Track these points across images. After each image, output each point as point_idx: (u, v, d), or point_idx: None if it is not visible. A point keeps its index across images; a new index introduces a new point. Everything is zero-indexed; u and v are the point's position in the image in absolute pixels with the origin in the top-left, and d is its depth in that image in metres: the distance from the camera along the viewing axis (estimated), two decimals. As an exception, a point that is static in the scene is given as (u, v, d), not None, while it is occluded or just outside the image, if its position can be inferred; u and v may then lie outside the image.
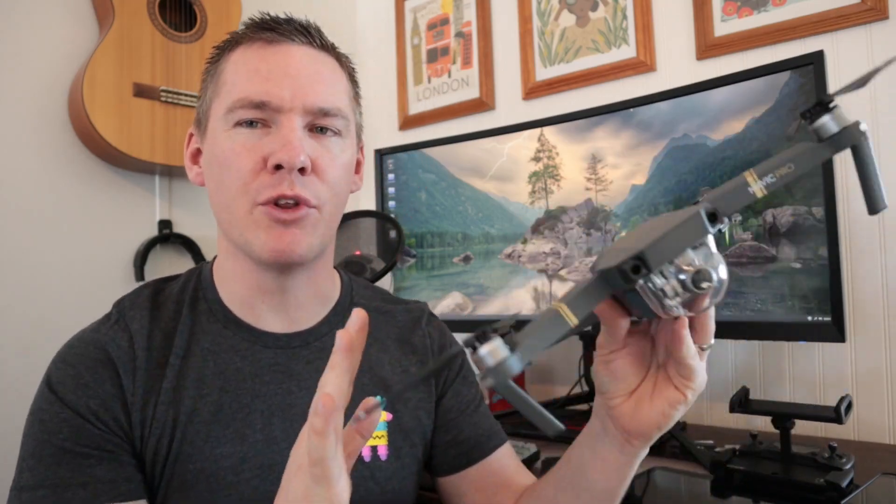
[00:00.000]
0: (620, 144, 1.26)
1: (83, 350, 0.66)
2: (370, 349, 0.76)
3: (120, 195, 1.57)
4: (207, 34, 1.58)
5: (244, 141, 0.66)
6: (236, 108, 0.66)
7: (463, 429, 0.80)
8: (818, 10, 1.26)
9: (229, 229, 0.69)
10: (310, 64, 0.68)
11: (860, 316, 1.21)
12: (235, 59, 0.69)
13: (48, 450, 0.61)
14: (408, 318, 0.83)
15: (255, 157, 0.65)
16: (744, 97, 1.11)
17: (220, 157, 0.67)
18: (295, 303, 0.73)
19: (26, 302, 1.42)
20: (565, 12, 1.64)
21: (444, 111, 1.86)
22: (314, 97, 0.66)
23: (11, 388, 1.35)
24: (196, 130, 0.74)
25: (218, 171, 0.68)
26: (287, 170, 0.64)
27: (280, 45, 0.68)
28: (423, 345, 0.82)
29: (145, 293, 0.74)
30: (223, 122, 0.67)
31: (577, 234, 1.32)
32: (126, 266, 1.57)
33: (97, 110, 1.40)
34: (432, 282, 1.53)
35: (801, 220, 1.04)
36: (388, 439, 0.74)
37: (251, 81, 0.66)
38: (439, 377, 0.81)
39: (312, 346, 0.74)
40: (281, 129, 0.65)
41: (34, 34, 1.46)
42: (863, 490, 0.85)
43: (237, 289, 0.72)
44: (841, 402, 0.88)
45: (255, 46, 0.68)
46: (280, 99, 0.65)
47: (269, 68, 0.66)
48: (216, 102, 0.69)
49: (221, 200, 0.68)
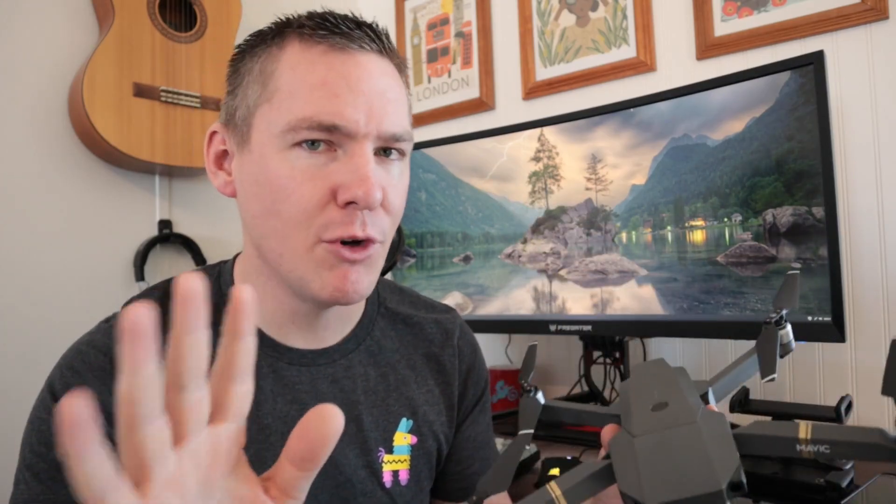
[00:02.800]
0: (620, 144, 1.26)
1: (88, 356, 0.62)
2: (397, 365, 0.72)
3: (120, 195, 1.57)
4: (207, 34, 1.58)
5: (306, 167, 0.57)
6: (299, 128, 0.57)
7: (474, 462, 0.78)
8: (818, 10, 1.26)
9: (279, 261, 0.61)
10: (380, 78, 0.59)
11: (860, 316, 1.21)
12: (292, 60, 0.59)
13: (44, 464, 0.58)
14: (438, 331, 0.77)
15: (322, 188, 0.57)
16: (744, 97, 1.11)
17: (275, 182, 0.58)
18: (325, 323, 0.68)
19: (26, 302, 1.42)
20: (565, 12, 1.64)
21: (444, 111, 1.86)
22: (388, 122, 0.59)
23: (11, 388, 1.35)
24: (225, 131, 0.64)
25: (269, 196, 0.59)
26: (360, 207, 0.57)
27: (349, 54, 0.58)
28: (451, 365, 0.76)
29: (155, 296, 0.68)
30: (278, 140, 0.58)
31: (577, 234, 1.32)
32: (126, 266, 1.57)
33: (97, 110, 1.40)
34: (432, 282, 1.53)
35: (801, 220, 1.04)
36: (409, 464, 0.71)
37: (316, 96, 0.57)
38: (462, 402, 0.77)
39: (338, 363, 0.69)
40: (352, 158, 0.57)
41: (34, 34, 1.46)
42: (863, 490, 0.85)
43: (266, 307, 0.66)
44: (841, 402, 0.88)
45: (317, 50, 0.58)
46: (355, 123, 0.57)
47: (338, 82, 0.57)
48: (266, 110, 0.59)
49: (273, 230, 0.60)
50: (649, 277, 1.22)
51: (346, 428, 0.67)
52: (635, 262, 1.24)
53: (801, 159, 1.04)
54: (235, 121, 0.62)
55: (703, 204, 1.16)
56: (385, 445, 0.69)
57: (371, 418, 0.69)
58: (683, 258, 1.18)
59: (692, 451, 0.39)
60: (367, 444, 0.67)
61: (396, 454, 0.70)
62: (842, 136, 1.23)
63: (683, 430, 0.41)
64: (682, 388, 0.45)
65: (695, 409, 0.43)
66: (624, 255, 1.26)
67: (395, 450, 0.70)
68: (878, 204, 1.20)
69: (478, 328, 1.40)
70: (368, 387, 0.70)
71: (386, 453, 0.69)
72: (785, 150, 1.06)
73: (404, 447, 0.70)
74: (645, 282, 1.23)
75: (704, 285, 1.15)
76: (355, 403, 0.68)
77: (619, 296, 1.26)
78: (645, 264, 1.23)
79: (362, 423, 0.68)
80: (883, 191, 1.20)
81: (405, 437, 0.71)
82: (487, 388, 0.81)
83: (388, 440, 0.70)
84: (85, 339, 0.65)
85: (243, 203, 0.63)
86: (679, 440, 0.40)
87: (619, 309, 1.26)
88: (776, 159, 1.07)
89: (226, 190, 0.65)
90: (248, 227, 0.64)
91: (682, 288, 1.18)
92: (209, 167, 0.67)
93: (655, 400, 0.45)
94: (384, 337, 0.74)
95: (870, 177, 1.21)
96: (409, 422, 0.71)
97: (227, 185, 0.65)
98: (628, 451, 0.42)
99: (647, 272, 1.23)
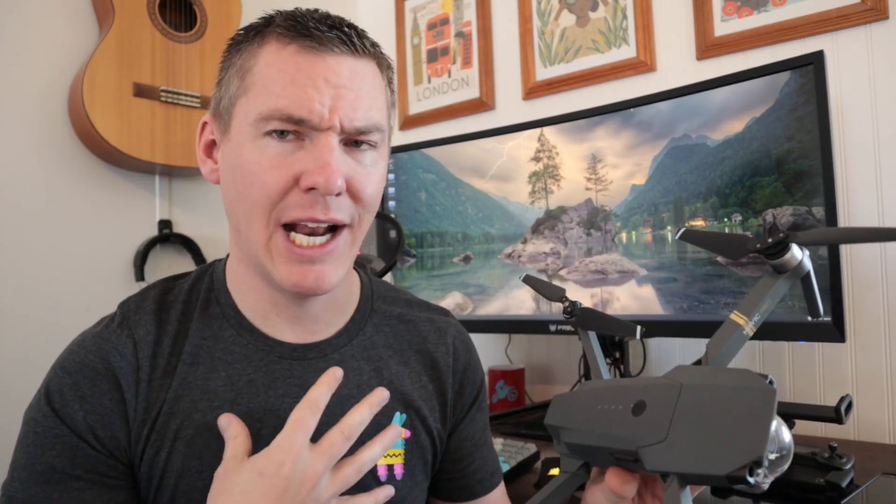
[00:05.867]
0: (620, 144, 1.26)
1: (83, 358, 0.63)
2: (390, 361, 0.73)
3: (120, 195, 1.57)
4: (207, 34, 1.58)
5: (274, 154, 0.61)
6: (270, 119, 0.60)
7: (474, 461, 0.78)
8: (818, 10, 1.26)
9: (247, 245, 0.65)
10: (350, 78, 0.62)
11: (860, 316, 1.21)
12: (268, 58, 0.62)
13: (39, 466, 0.60)
14: (431, 329, 0.78)
15: (286, 175, 0.61)
16: (744, 97, 1.11)
17: (245, 167, 0.62)
18: (311, 316, 0.69)
19: (26, 301, 1.42)
20: (565, 12, 1.64)
21: (444, 111, 1.86)
22: (353, 117, 0.62)
23: (11, 388, 1.35)
24: (213, 122, 0.68)
25: (241, 181, 0.63)
26: (321, 193, 0.60)
27: (318, 54, 0.62)
28: (445, 362, 0.77)
29: (152, 294, 0.70)
30: (251, 129, 0.62)
31: (577, 233, 1.32)
32: (126, 266, 1.57)
33: (97, 110, 1.40)
34: (432, 282, 1.53)
35: (801, 220, 1.04)
36: (404, 458, 0.71)
37: (287, 91, 0.60)
38: (459, 401, 0.78)
39: (330, 357, 0.70)
40: (316, 147, 0.61)
41: (34, 34, 1.46)
42: (863, 490, 0.85)
43: (250, 297, 0.69)
44: (841, 402, 0.88)
45: (290, 49, 0.62)
46: (319, 116, 0.60)
47: (307, 80, 0.61)
48: (244, 101, 0.63)
49: (240, 211, 0.64)
50: (649, 277, 1.22)
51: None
52: (635, 262, 1.24)
53: (801, 159, 1.04)
54: (220, 110, 0.66)
55: (703, 204, 1.16)
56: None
57: None
58: (683, 258, 1.18)
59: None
60: (361, 438, 0.68)
61: (391, 448, 0.70)
62: (842, 136, 1.23)
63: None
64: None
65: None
66: (624, 255, 1.26)
67: None
68: (878, 204, 1.20)
69: (478, 328, 1.40)
70: (361, 381, 0.70)
71: None
72: (785, 150, 1.06)
73: (398, 441, 0.71)
74: (645, 282, 1.23)
75: (704, 285, 1.15)
76: (348, 398, 0.67)
77: (619, 296, 1.26)
78: (645, 264, 1.23)
79: None
80: (883, 191, 1.19)
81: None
82: (484, 387, 0.82)
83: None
84: (78, 339, 0.66)
85: (224, 189, 0.67)
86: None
87: (619, 309, 1.26)
88: (776, 159, 1.07)
89: (212, 177, 0.69)
90: (227, 214, 0.68)
91: (682, 288, 1.18)
92: (199, 155, 0.70)
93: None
94: (377, 333, 0.74)
95: (870, 177, 1.21)
96: (402, 416, 0.72)
97: (212, 173, 0.69)
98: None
99: (646, 272, 1.23)
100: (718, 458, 0.41)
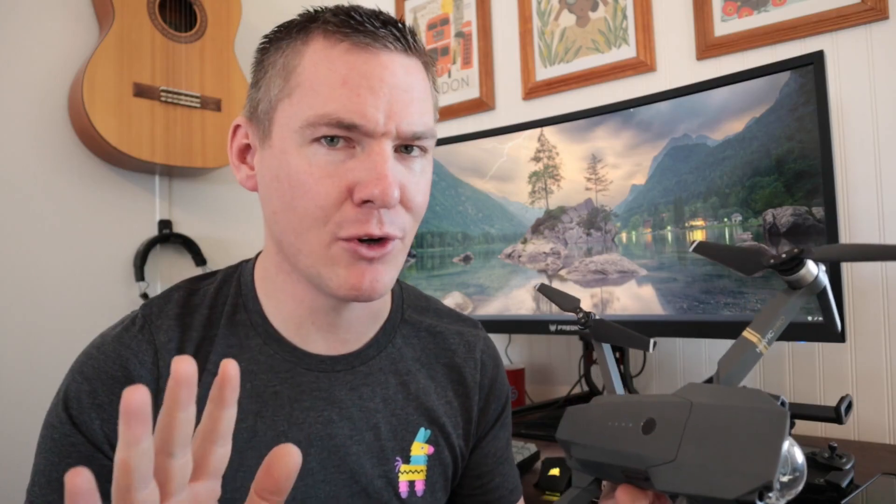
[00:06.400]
0: (620, 144, 1.26)
1: (102, 364, 0.61)
2: (418, 375, 0.71)
3: (120, 195, 1.57)
4: (207, 34, 1.58)
5: (324, 163, 0.57)
6: (319, 125, 0.56)
7: (494, 477, 0.77)
8: (818, 10, 1.26)
9: (297, 256, 0.61)
10: (404, 78, 0.59)
11: (860, 316, 1.21)
12: (315, 57, 0.58)
13: (56, 474, 0.59)
14: (461, 343, 0.76)
15: (339, 185, 0.57)
16: (744, 97, 1.11)
17: (293, 177, 0.58)
18: (346, 324, 0.67)
19: (26, 302, 1.42)
20: (565, 12, 1.64)
21: (443, 111, 1.86)
22: (408, 121, 0.58)
23: (12, 388, 1.35)
24: (249, 125, 0.64)
25: (289, 192, 0.59)
26: (377, 206, 0.57)
27: (372, 52, 0.57)
28: (472, 378, 0.75)
29: (175, 297, 0.67)
30: (297, 136, 0.58)
31: (577, 234, 1.32)
32: (126, 266, 1.57)
33: (97, 110, 1.40)
34: (432, 282, 1.53)
35: (801, 220, 1.04)
36: (426, 474, 0.70)
37: (337, 94, 0.56)
38: (483, 418, 0.76)
39: (357, 370, 0.68)
40: (370, 156, 0.57)
41: (34, 34, 1.46)
42: (863, 490, 0.85)
43: (285, 306, 0.66)
44: (841, 402, 0.88)
45: (340, 47, 0.57)
46: (374, 122, 0.56)
47: (360, 81, 0.56)
48: (287, 105, 0.59)
49: (291, 225, 0.60)
50: (649, 277, 1.22)
51: (363, 437, 0.66)
52: (635, 262, 1.24)
53: (801, 159, 1.04)
54: (258, 114, 0.62)
55: (703, 204, 1.16)
56: (402, 455, 0.68)
57: (389, 427, 0.68)
58: (683, 258, 1.18)
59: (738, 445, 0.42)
60: (385, 454, 0.66)
61: (413, 464, 0.69)
62: (842, 136, 1.23)
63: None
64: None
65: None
66: (624, 255, 1.26)
67: (413, 460, 0.69)
68: (878, 204, 1.20)
69: (478, 328, 1.40)
70: (388, 395, 0.69)
71: (403, 463, 0.68)
72: (785, 150, 1.06)
73: (421, 457, 0.69)
74: (645, 282, 1.23)
75: (704, 285, 1.15)
76: (373, 412, 0.67)
77: (619, 296, 1.26)
78: (645, 264, 1.23)
79: (380, 432, 0.67)
80: (883, 191, 1.19)
81: (422, 446, 0.70)
82: (508, 404, 0.80)
83: (405, 450, 0.69)
84: (97, 341, 0.64)
85: (264, 198, 0.63)
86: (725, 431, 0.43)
87: (619, 309, 1.26)
88: (776, 159, 1.07)
89: (247, 184, 0.65)
90: (268, 223, 0.64)
91: (682, 288, 1.18)
92: (232, 161, 0.66)
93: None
94: (406, 345, 0.73)
95: (870, 177, 1.21)
96: (427, 431, 0.70)
97: (248, 179, 0.65)
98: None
99: (647, 272, 1.23)
100: (728, 480, 0.40)
